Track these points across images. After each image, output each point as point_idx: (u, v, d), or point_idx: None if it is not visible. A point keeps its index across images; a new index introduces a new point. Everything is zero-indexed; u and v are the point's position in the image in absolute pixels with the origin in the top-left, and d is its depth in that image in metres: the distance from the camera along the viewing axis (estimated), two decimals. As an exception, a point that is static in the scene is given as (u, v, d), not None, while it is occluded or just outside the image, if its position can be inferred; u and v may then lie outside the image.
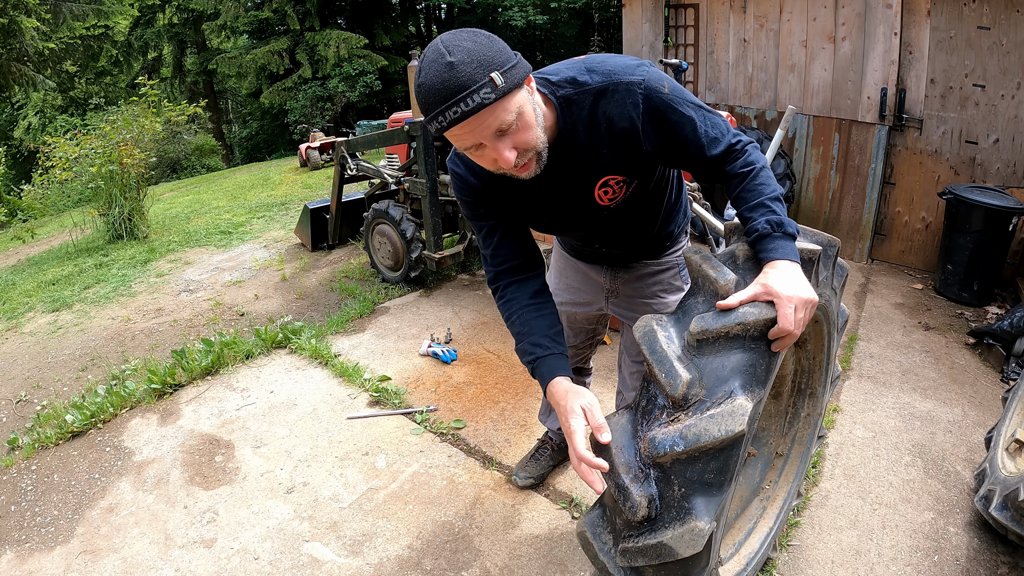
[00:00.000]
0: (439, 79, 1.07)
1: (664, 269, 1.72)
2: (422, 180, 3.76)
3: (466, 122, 1.09)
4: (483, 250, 1.52)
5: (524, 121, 1.15)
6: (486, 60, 1.08)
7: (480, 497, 2.26)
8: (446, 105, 1.07)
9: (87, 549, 2.10)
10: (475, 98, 1.06)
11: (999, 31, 3.71)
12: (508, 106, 1.11)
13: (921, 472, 2.35)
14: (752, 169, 1.28)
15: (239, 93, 19.65)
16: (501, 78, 1.08)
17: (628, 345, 1.88)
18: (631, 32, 5.67)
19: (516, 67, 1.12)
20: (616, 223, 1.53)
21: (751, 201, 1.26)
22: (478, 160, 1.21)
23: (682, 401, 1.15)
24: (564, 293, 1.89)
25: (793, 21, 4.60)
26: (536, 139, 1.18)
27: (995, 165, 3.96)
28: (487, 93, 1.07)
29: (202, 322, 3.84)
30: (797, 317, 1.14)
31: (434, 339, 3.42)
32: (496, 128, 1.11)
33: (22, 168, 15.16)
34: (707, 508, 1.13)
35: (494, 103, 1.08)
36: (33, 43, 11.87)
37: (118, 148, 5.66)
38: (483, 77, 1.07)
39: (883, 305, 3.88)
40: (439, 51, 1.08)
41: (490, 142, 1.14)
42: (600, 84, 1.24)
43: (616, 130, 1.26)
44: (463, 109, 1.07)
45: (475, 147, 1.16)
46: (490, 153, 1.16)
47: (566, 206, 1.43)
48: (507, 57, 1.11)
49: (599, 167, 1.34)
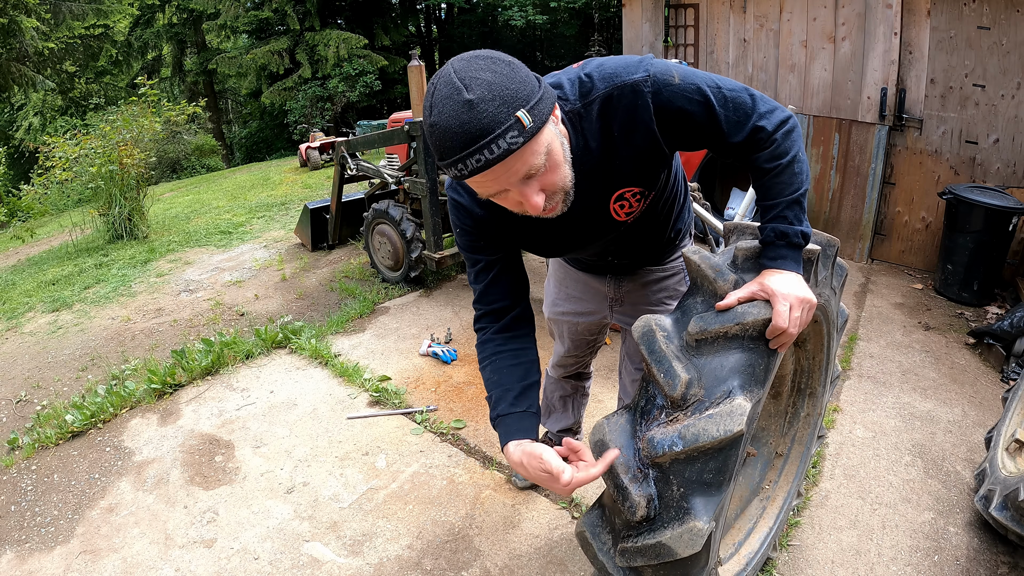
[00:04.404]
0: (456, 121, 0.92)
1: (669, 275, 1.67)
2: (422, 180, 3.76)
3: (490, 170, 0.95)
4: (474, 285, 1.38)
5: (553, 160, 1.02)
6: (509, 96, 0.93)
7: (480, 497, 2.26)
8: (467, 152, 0.93)
9: (87, 549, 2.10)
10: (500, 144, 0.92)
11: (999, 31, 3.71)
12: (536, 148, 0.97)
13: (921, 472, 2.35)
14: (778, 166, 1.16)
15: (239, 93, 19.63)
16: (528, 117, 0.94)
17: (631, 352, 1.82)
18: (631, 32, 5.68)
19: (543, 100, 0.97)
20: (632, 236, 1.45)
21: (768, 200, 1.20)
22: (501, 203, 1.08)
23: (681, 401, 1.15)
24: (565, 303, 1.83)
25: (793, 21, 4.60)
26: (565, 178, 1.07)
27: (995, 165, 3.96)
28: (514, 137, 0.93)
29: (202, 322, 3.84)
30: (793, 316, 1.13)
31: (434, 339, 3.42)
32: (524, 173, 0.99)
33: (22, 169, 15.16)
34: (706, 508, 1.13)
35: (522, 147, 0.94)
36: (33, 43, 11.86)
37: (118, 148, 5.67)
38: (508, 117, 0.92)
39: (883, 305, 3.88)
40: (454, 85, 0.92)
41: (516, 187, 1.01)
42: (604, 91, 1.12)
43: (630, 138, 1.15)
44: (487, 157, 0.93)
45: (498, 193, 1.04)
46: (515, 197, 1.04)
47: (580, 227, 1.32)
48: (531, 89, 0.96)
49: (614, 180, 1.23)
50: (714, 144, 1.19)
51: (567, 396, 2.18)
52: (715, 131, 1.15)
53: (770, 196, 1.19)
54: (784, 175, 1.17)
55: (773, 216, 1.19)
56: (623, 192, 1.25)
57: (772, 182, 1.18)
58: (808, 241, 1.20)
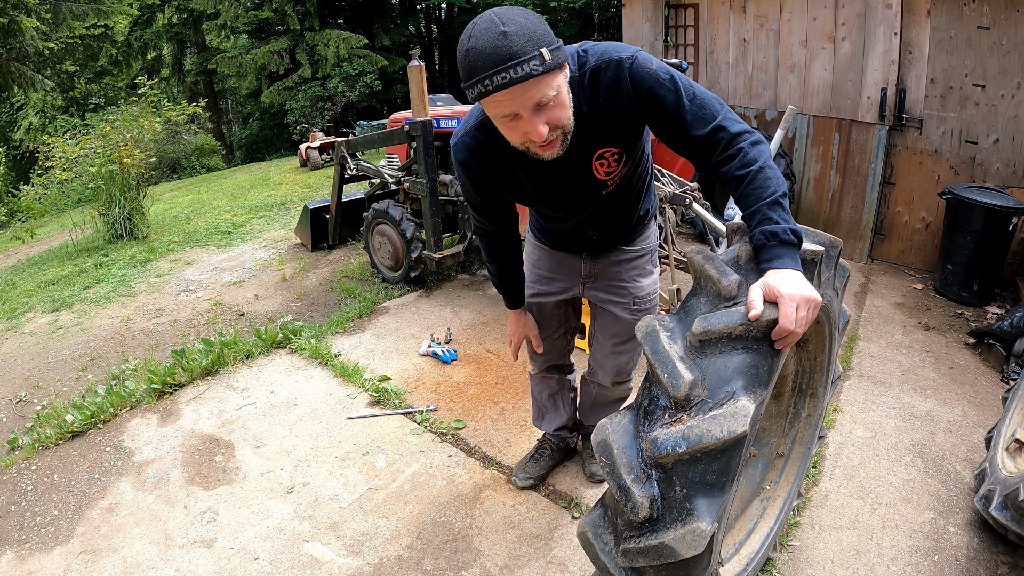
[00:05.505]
0: (491, 45, 1.12)
1: (639, 256, 1.85)
2: (422, 180, 3.76)
3: (511, 89, 1.14)
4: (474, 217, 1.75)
5: (560, 99, 1.22)
6: (537, 36, 1.14)
7: (480, 497, 2.26)
8: (495, 70, 1.12)
9: (87, 549, 2.10)
10: (524, 67, 1.12)
11: (999, 31, 3.71)
12: (551, 82, 1.18)
13: (921, 472, 2.35)
14: (749, 172, 1.25)
15: (239, 93, 19.64)
16: (549, 54, 1.15)
17: (604, 327, 1.96)
18: (631, 32, 5.68)
19: (560, 49, 1.19)
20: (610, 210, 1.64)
21: (748, 208, 1.25)
22: (508, 131, 1.26)
23: (684, 402, 1.15)
24: (535, 285, 1.95)
25: (793, 21, 4.60)
26: (568, 118, 1.27)
27: (995, 165, 3.96)
28: (536, 65, 1.13)
29: (202, 322, 3.84)
30: (799, 315, 1.14)
31: (434, 339, 3.42)
32: (537, 100, 1.18)
33: (22, 169, 15.15)
34: (709, 509, 1.12)
35: (541, 76, 1.14)
36: (33, 43, 11.85)
37: (118, 148, 5.66)
38: (534, 50, 1.13)
39: (883, 305, 3.88)
40: (492, 20, 1.14)
41: (527, 113, 1.19)
42: (595, 62, 1.33)
43: (612, 105, 1.35)
44: (512, 76, 1.12)
45: (511, 117, 1.21)
46: (523, 126, 1.22)
47: (568, 182, 1.50)
48: (554, 38, 1.18)
49: (597, 139, 1.42)
50: (677, 132, 1.34)
51: (555, 393, 2.23)
52: (679, 118, 1.31)
53: (750, 203, 1.25)
54: (758, 180, 1.24)
55: (758, 221, 1.23)
56: (603, 152, 1.45)
57: (748, 189, 1.25)
58: (799, 238, 1.21)
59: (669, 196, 3.16)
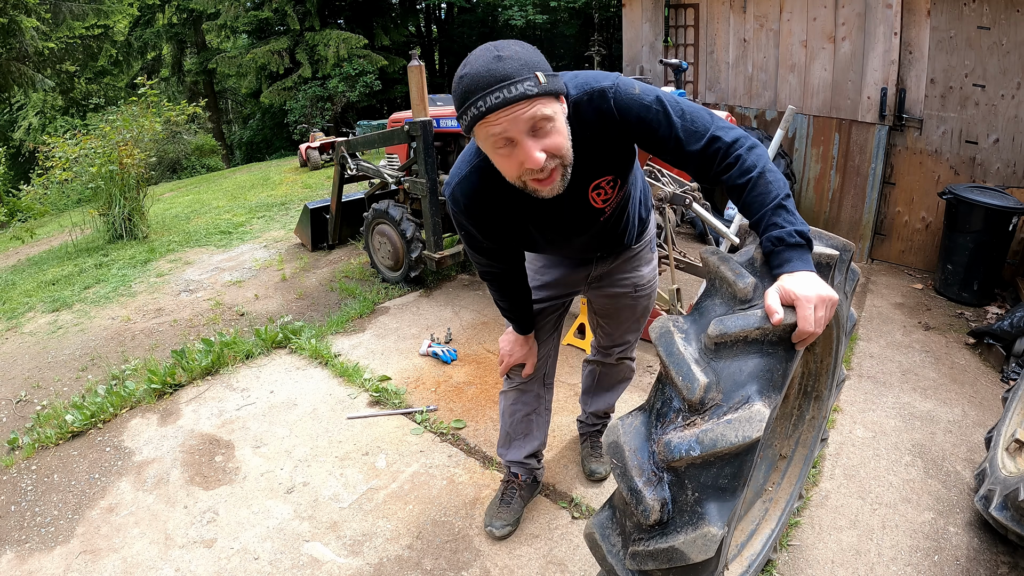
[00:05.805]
0: (485, 68, 1.13)
1: (641, 250, 1.88)
2: (422, 180, 3.76)
3: (504, 110, 1.13)
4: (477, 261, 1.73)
5: (557, 127, 1.20)
6: (532, 62, 1.16)
7: (480, 497, 2.26)
8: (489, 90, 1.12)
9: (87, 549, 2.10)
10: (518, 87, 1.12)
11: (999, 31, 3.71)
12: (546, 104, 1.17)
13: (921, 472, 2.35)
14: (749, 179, 1.23)
15: (239, 93, 19.62)
16: (544, 79, 1.16)
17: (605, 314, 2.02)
18: (631, 32, 5.68)
19: (557, 78, 1.20)
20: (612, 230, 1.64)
21: (754, 215, 1.24)
22: (504, 162, 1.23)
23: (699, 405, 1.14)
24: (538, 292, 1.91)
25: (793, 21, 4.60)
26: (568, 149, 1.23)
27: (995, 165, 3.96)
28: (530, 86, 1.13)
29: (202, 322, 3.83)
30: (817, 316, 1.13)
31: (434, 339, 3.42)
32: (532, 122, 1.16)
33: (22, 169, 15.14)
34: (720, 513, 1.11)
35: (535, 96, 1.14)
36: (33, 43, 11.84)
37: (118, 148, 5.66)
38: (528, 73, 1.14)
39: (883, 305, 3.88)
40: (488, 49, 1.17)
41: (522, 138, 1.17)
42: (577, 95, 1.30)
43: (600, 131, 1.32)
44: (505, 96, 1.12)
45: (505, 143, 1.18)
46: (519, 154, 1.19)
47: (565, 217, 1.48)
48: (549, 68, 1.19)
49: (590, 171, 1.39)
50: (673, 151, 1.31)
51: (531, 412, 2.01)
52: (673, 138, 1.29)
53: (754, 210, 1.23)
54: (759, 186, 1.23)
55: (765, 227, 1.22)
56: (599, 182, 1.43)
57: (751, 196, 1.24)
58: (806, 238, 1.19)
59: (669, 196, 3.16)
